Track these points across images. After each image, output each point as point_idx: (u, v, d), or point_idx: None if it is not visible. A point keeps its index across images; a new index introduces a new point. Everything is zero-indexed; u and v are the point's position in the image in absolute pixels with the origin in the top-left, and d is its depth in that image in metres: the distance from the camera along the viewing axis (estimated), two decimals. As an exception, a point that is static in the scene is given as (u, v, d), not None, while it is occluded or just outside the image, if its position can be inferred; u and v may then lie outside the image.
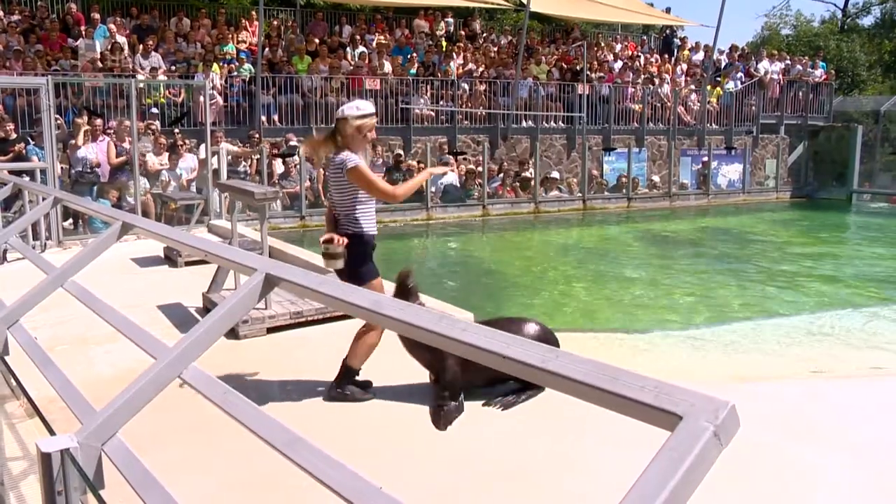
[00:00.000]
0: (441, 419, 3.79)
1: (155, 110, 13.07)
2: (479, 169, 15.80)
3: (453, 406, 3.88)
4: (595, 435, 3.63)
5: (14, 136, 10.72)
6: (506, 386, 4.12)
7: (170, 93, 13.87)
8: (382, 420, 3.92)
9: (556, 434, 3.73)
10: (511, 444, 3.63)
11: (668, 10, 24.01)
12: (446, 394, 3.90)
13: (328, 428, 3.77)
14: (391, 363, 4.16)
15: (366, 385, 4.20)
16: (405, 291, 4.03)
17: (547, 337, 4.23)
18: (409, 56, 17.22)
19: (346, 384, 4.12)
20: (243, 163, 13.25)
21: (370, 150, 14.31)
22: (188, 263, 7.89)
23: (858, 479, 3.41)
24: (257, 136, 13.95)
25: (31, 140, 10.78)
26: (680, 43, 23.08)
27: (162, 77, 13.89)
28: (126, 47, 14.21)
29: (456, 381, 3.92)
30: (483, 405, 3.97)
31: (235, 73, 14.86)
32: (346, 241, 3.99)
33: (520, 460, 3.45)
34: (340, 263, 3.99)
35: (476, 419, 3.89)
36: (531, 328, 4.22)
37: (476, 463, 3.42)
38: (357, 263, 4.03)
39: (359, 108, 4.09)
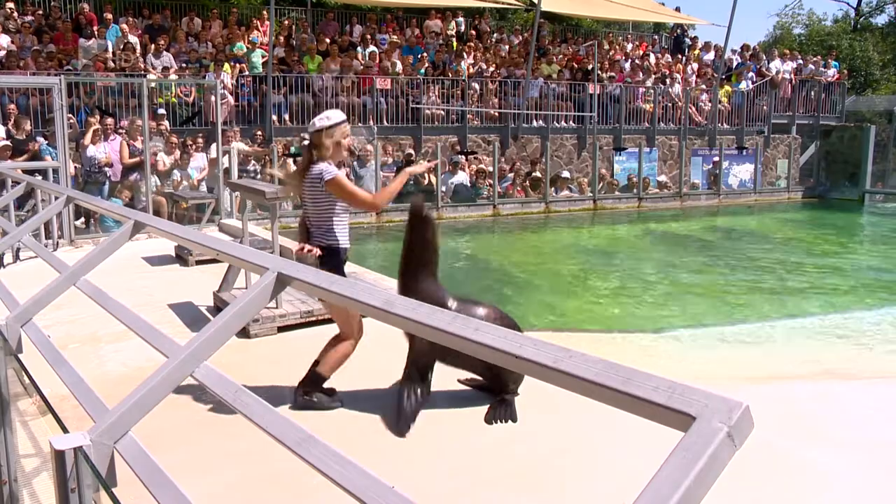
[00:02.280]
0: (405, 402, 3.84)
1: (162, 111, 13.10)
2: (490, 169, 15.79)
3: (416, 395, 3.87)
4: (601, 434, 3.62)
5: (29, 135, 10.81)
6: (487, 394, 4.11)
7: (181, 92, 13.92)
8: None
9: (560, 434, 3.73)
10: (517, 444, 3.63)
11: (677, 10, 23.89)
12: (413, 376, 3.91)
13: (337, 427, 3.78)
14: (398, 365, 4.15)
15: (332, 392, 4.13)
16: (421, 220, 3.88)
17: (503, 320, 4.01)
18: (419, 56, 17.22)
19: (314, 391, 4.03)
20: (253, 162, 13.28)
21: (382, 153, 14.42)
22: (199, 262, 7.93)
23: (866, 479, 3.39)
24: (261, 133, 13.97)
25: (44, 139, 10.86)
26: (691, 42, 22.97)
27: (173, 76, 13.94)
28: (138, 47, 14.27)
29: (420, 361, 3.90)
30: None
31: (247, 73, 14.91)
32: (318, 252, 3.99)
33: (525, 460, 3.45)
34: None
35: (482, 420, 3.88)
36: (481, 311, 4.01)
37: (484, 463, 3.42)
38: None
39: (329, 118, 4.06)
